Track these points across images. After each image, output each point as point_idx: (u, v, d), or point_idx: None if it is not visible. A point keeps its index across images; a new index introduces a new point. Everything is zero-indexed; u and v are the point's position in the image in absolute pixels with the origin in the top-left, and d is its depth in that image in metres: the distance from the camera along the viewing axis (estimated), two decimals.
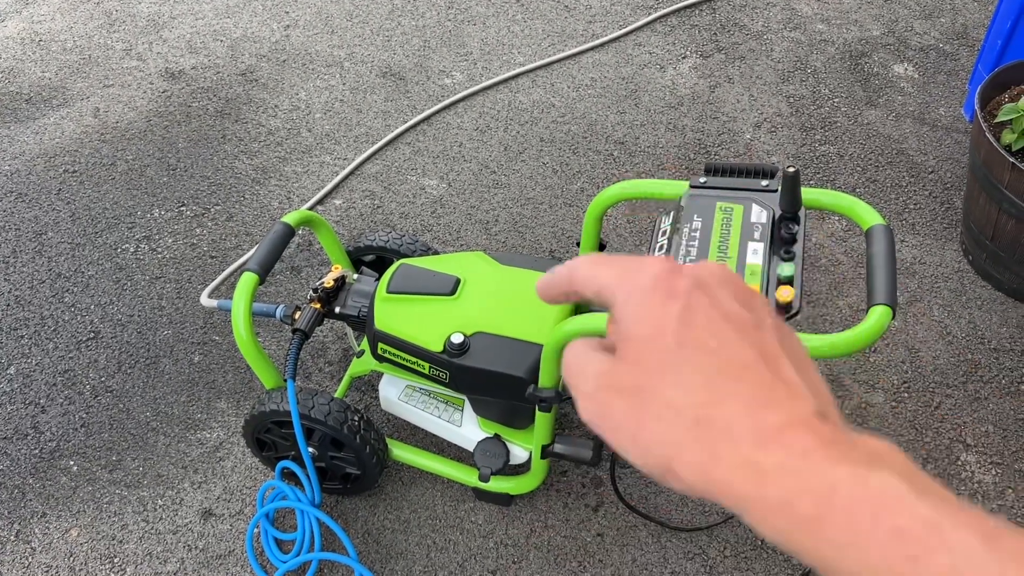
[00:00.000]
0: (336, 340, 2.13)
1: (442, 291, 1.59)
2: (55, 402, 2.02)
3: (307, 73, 3.00)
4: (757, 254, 1.29)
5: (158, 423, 1.98)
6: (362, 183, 2.58)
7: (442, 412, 1.73)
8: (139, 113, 2.84)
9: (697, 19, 3.26)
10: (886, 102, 2.88)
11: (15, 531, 1.80)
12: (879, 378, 2.05)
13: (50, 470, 1.90)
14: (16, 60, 3.07)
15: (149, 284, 2.28)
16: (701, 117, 2.81)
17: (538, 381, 1.44)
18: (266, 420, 1.63)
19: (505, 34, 3.19)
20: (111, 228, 2.44)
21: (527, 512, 1.81)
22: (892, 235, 1.31)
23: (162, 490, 1.86)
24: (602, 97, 2.89)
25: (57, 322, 2.19)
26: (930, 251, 2.36)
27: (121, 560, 1.75)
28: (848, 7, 3.33)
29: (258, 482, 1.86)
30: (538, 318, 1.54)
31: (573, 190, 2.55)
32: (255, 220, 2.46)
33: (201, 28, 3.22)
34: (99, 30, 3.22)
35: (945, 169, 2.61)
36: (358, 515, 1.81)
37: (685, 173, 2.60)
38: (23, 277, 2.30)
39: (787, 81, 2.96)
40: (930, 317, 2.19)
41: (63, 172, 2.62)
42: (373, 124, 2.79)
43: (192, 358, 2.11)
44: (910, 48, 3.12)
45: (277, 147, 2.70)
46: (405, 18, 3.27)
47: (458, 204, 2.50)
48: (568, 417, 1.96)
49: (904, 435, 1.94)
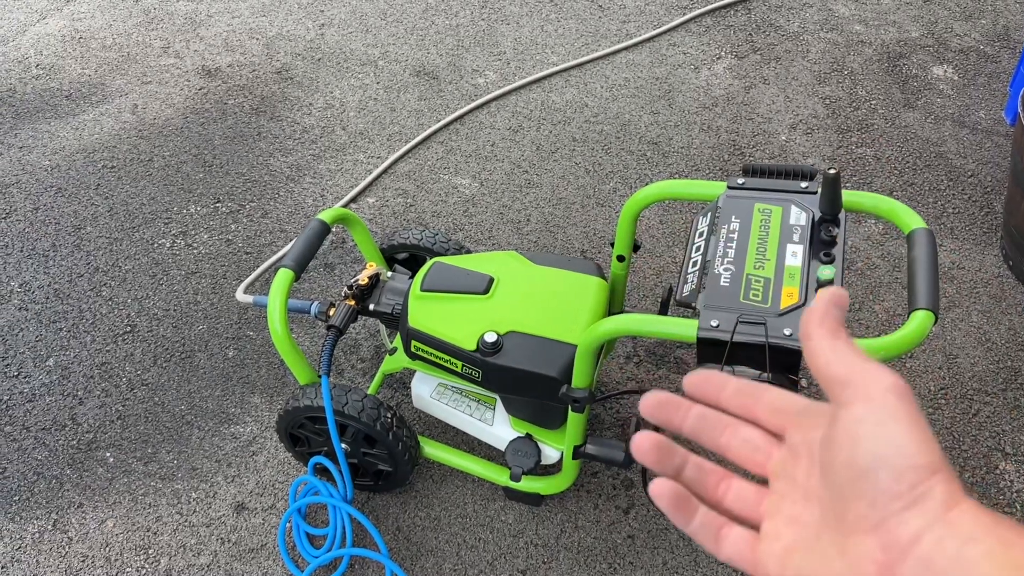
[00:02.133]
0: (368, 337, 2.14)
1: (476, 290, 1.59)
2: (92, 394, 2.05)
3: (341, 72, 3.02)
4: (796, 256, 1.27)
5: (192, 417, 2.00)
6: (395, 181, 2.59)
7: (474, 410, 1.73)
8: (176, 110, 2.87)
9: (732, 19, 3.24)
10: (925, 104, 2.83)
11: (52, 521, 1.83)
12: (915, 384, 2.02)
13: (87, 461, 1.93)
14: (57, 57, 3.12)
15: (185, 279, 2.31)
16: (736, 118, 2.78)
17: (571, 381, 1.43)
18: (300, 415, 1.64)
19: (538, 33, 3.19)
20: (148, 223, 2.47)
21: (557, 512, 1.80)
22: (934, 239, 1.29)
23: (196, 483, 1.88)
24: (636, 97, 2.88)
25: (95, 315, 2.22)
26: (969, 256, 2.32)
27: (156, 552, 1.77)
28: (886, 8, 3.28)
29: (290, 477, 1.88)
30: (571, 318, 1.53)
31: (605, 190, 2.54)
32: (289, 217, 2.48)
33: (237, 26, 3.25)
34: (138, 28, 3.26)
35: (985, 173, 2.57)
36: (389, 512, 1.82)
37: (719, 174, 2.58)
38: (62, 271, 2.34)
39: (823, 82, 2.93)
40: (969, 323, 2.15)
41: (102, 168, 2.66)
42: (406, 123, 2.80)
43: (226, 353, 2.13)
44: (950, 50, 3.07)
45: (311, 145, 2.72)
46: (439, 17, 3.28)
47: (490, 203, 2.51)
48: (599, 418, 1.96)
49: (941, 442, 1.91)
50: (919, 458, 0.37)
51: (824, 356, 0.43)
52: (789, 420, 0.47)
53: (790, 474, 0.45)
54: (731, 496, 0.49)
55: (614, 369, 2.05)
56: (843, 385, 0.41)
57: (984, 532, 0.36)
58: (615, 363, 2.06)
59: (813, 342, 0.44)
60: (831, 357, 0.43)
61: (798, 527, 0.44)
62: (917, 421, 0.39)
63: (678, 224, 2.42)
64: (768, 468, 0.48)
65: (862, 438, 0.39)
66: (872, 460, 0.38)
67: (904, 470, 0.37)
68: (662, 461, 0.49)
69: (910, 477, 0.37)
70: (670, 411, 0.50)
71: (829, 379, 0.42)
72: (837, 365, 0.42)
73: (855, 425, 0.40)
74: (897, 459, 0.38)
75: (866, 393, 0.40)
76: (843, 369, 0.42)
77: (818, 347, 0.44)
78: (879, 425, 0.39)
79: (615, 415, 1.97)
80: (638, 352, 2.09)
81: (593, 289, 1.59)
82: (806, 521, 0.43)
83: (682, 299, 1.28)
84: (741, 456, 0.49)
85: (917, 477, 0.37)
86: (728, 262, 1.28)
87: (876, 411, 0.39)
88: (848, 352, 0.43)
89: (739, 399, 0.50)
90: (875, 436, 0.39)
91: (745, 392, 0.49)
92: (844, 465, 0.40)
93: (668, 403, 0.50)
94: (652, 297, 2.22)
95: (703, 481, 0.50)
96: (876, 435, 0.39)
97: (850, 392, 0.41)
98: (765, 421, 0.49)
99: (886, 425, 0.39)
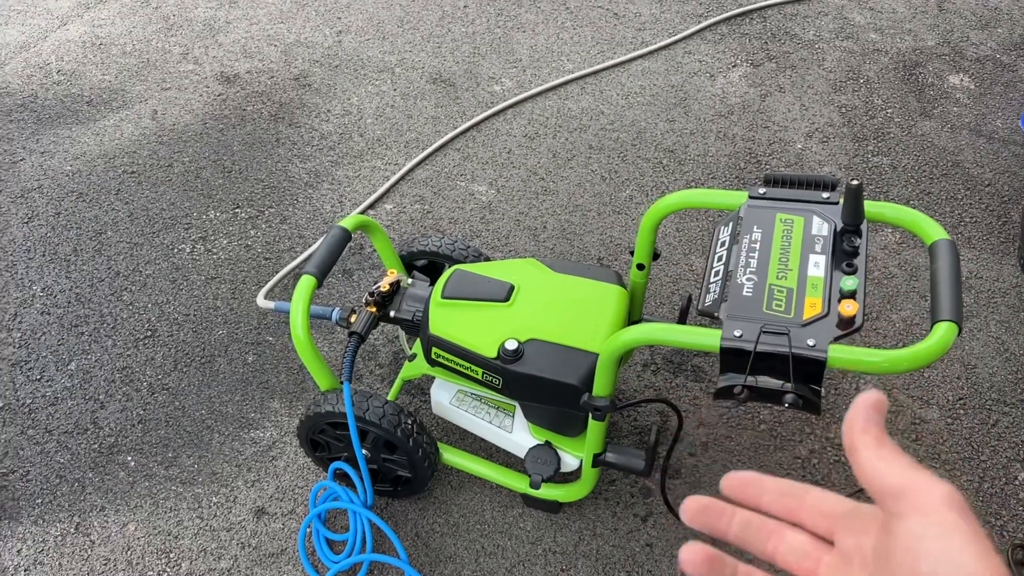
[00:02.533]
0: (387, 343, 2.16)
1: (497, 297, 1.60)
2: (114, 398, 2.07)
3: (359, 78, 3.04)
4: (819, 267, 1.28)
5: (213, 421, 2.02)
6: (412, 188, 2.60)
7: (493, 417, 1.74)
8: (195, 116, 2.90)
9: (747, 28, 3.24)
10: (941, 113, 2.83)
11: (75, 524, 1.85)
12: (933, 394, 2.02)
13: (109, 465, 1.95)
14: (78, 63, 3.15)
15: (205, 284, 2.33)
16: (752, 126, 2.79)
17: (592, 389, 1.44)
18: (321, 421, 1.65)
19: (554, 41, 3.20)
20: (168, 228, 2.49)
21: (575, 520, 1.81)
22: (957, 250, 1.29)
23: (216, 487, 1.89)
24: (651, 105, 2.89)
25: (116, 320, 2.24)
26: (987, 266, 2.32)
27: (177, 555, 1.79)
28: (902, 17, 3.28)
29: (310, 482, 1.89)
30: (592, 326, 1.54)
31: (622, 198, 2.55)
32: (308, 223, 2.49)
33: (256, 33, 3.28)
34: (157, 34, 3.29)
35: (1002, 182, 2.57)
36: (407, 518, 1.83)
37: (735, 182, 2.59)
38: (83, 275, 2.36)
39: (839, 91, 2.93)
40: (987, 333, 2.15)
41: (122, 173, 2.68)
42: (423, 130, 2.81)
43: (246, 358, 2.14)
44: (966, 59, 3.07)
45: (329, 151, 2.74)
46: (455, 25, 3.30)
47: (507, 210, 2.52)
48: (617, 425, 1.96)
49: (960, 452, 1.90)
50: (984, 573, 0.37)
51: (872, 466, 0.43)
52: (836, 523, 0.47)
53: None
54: None
55: (632, 377, 2.06)
56: (895, 496, 0.41)
57: None
58: (632, 371, 2.07)
59: (860, 453, 0.44)
60: (880, 467, 0.43)
61: None
62: (977, 534, 0.39)
63: (694, 232, 2.43)
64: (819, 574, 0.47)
65: (922, 553, 0.39)
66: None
67: None
68: (713, 573, 0.48)
69: None
70: (714, 518, 0.50)
71: (881, 490, 0.42)
72: (888, 476, 0.42)
73: (915, 540, 0.39)
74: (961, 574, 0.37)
75: (921, 506, 0.40)
76: (895, 480, 0.42)
77: (864, 457, 0.43)
78: (939, 540, 0.39)
79: (633, 423, 1.97)
80: (655, 360, 2.09)
81: (613, 297, 1.60)
82: None
83: (704, 309, 1.28)
84: (790, 563, 0.48)
85: None
86: (751, 272, 1.29)
87: (935, 526, 0.39)
88: (896, 461, 0.43)
89: (782, 501, 0.49)
90: (936, 552, 0.38)
91: (787, 493, 0.49)
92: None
93: (711, 509, 0.50)
94: (669, 305, 2.23)
95: None
96: (938, 551, 0.38)
97: (904, 504, 0.41)
98: (811, 524, 0.48)
99: (947, 539, 0.39)
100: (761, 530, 0.49)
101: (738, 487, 0.50)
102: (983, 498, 1.83)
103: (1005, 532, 1.77)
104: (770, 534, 0.49)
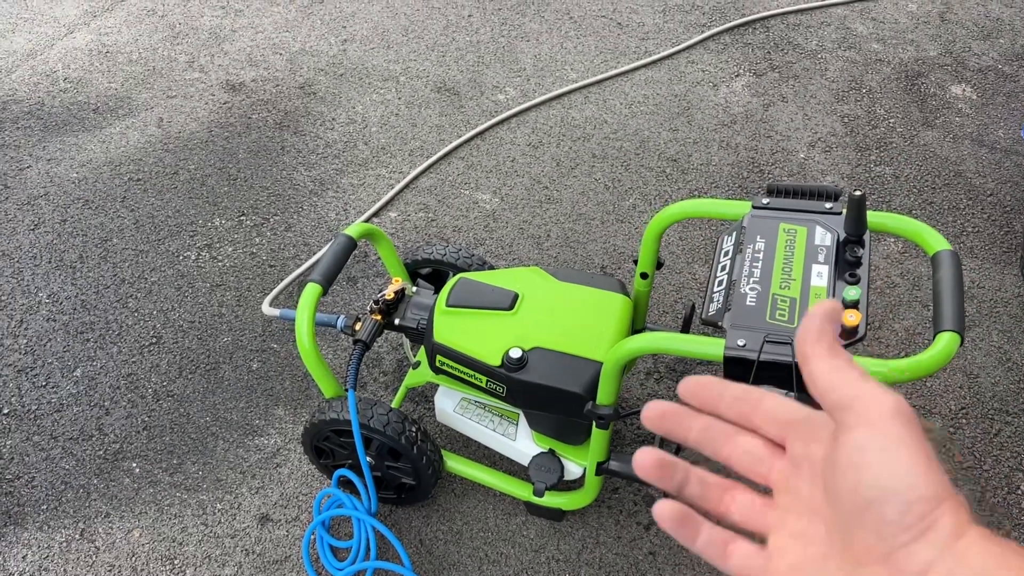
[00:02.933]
0: (391, 351, 2.17)
1: (501, 306, 1.61)
2: (119, 405, 2.08)
3: (364, 87, 3.05)
4: (822, 277, 1.29)
5: (217, 428, 2.03)
6: (417, 196, 2.62)
7: (497, 425, 1.75)
8: (201, 124, 2.91)
9: (750, 38, 3.26)
10: (943, 123, 2.84)
11: (80, 530, 1.85)
12: (936, 403, 2.02)
13: (113, 471, 1.95)
14: (84, 71, 3.17)
15: (210, 291, 2.34)
16: (754, 136, 2.80)
17: (596, 398, 1.45)
18: (326, 428, 1.66)
19: (558, 51, 3.22)
20: (173, 236, 2.50)
21: (578, 528, 1.81)
22: (959, 260, 1.30)
23: (221, 494, 1.90)
24: (654, 114, 2.90)
25: (121, 326, 2.26)
26: (989, 276, 2.32)
27: (181, 562, 1.79)
28: (904, 27, 3.30)
29: (314, 489, 1.90)
30: (596, 335, 1.55)
31: (625, 207, 2.56)
32: (313, 231, 2.51)
33: (261, 42, 3.30)
34: (163, 42, 3.31)
35: (1004, 192, 2.58)
36: (411, 525, 1.83)
37: (738, 191, 2.60)
38: (89, 282, 2.37)
39: (842, 101, 2.94)
40: (989, 343, 2.15)
41: (128, 180, 2.70)
42: (428, 138, 2.83)
43: (251, 365, 2.15)
44: (968, 69, 3.08)
45: (334, 159, 2.75)
46: (460, 34, 3.32)
47: (510, 218, 2.53)
48: (620, 434, 1.97)
49: (962, 462, 1.91)
50: (925, 488, 0.37)
51: (824, 378, 0.42)
52: (788, 430, 0.47)
53: (794, 487, 0.45)
54: (736, 509, 0.48)
55: (635, 385, 2.06)
56: (844, 408, 0.41)
57: (995, 563, 0.36)
58: (635, 379, 2.08)
59: (811, 363, 0.43)
60: (830, 378, 0.42)
61: (804, 542, 0.43)
62: (921, 448, 0.38)
63: (697, 241, 2.44)
64: (771, 479, 0.47)
65: (865, 466, 0.39)
66: (877, 492, 0.38)
67: (911, 502, 0.37)
68: (664, 477, 0.49)
69: (917, 508, 0.37)
70: (674, 422, 0.50)
71: (830, 402, 0.42)
72: (838, 387, 0.41)
73: (858, 452, 0.39)
74: (903, 490, 0.37)
75: (868, 417, 0.40)
76: (844, 391, 0.41)
77: (816, 368, 0.43)
78: (882, 452, 0.38)
79: (636, 431, 1.98)
80: (658, 368, 2.10)
81: (617, 306, 1.61)
82: (812, 536, 0.43)
83: (708, 318, 1.29)
84: (744, 467, 0.48)
85: (924, 508, 0.37)
86: (754, 282, 1.30)
87: (879, 438, 0.39)
88: (848, 372, 0.42)
89: (737, 407, 0.49)
90: (879, 465, 0.38)
91: (743, 399, 0.49)
92: (849, 492, 0.39)
93: (672, 414, 0.50)
94: (672, 313, 2.24)
95: (707, 495, 0.49)
96: (880, 464, 0.38)
97: (851, 416, 0.40)
98: (765, 430, 0.48)
99: (889, 453, 0.38)
100: (719, 435, 0.49)
101: (695, 391, 0.50)
102: (986, 508, 1.83)
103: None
104: (727, 439, 0.49)
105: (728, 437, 0.49)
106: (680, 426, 0.50)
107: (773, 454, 0.47)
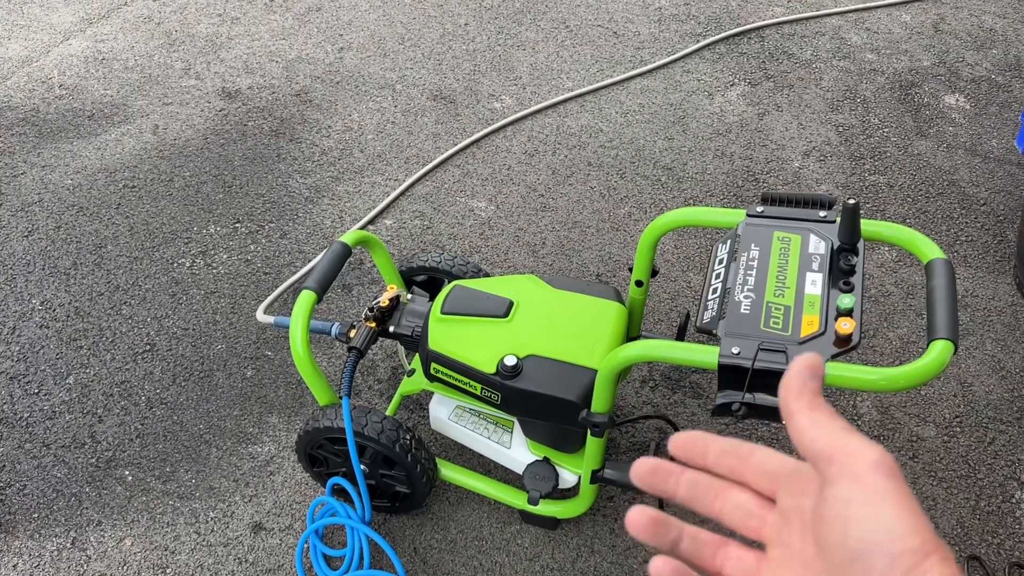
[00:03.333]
0: (386, 358, 2.16)
1: (496, 313, 1.61)
2: (112, 412, 2.07)
3: (360, 95, 3.06)
4: (816, 285, 1.29)
5: (211, 436, 2.02)
6: (412, 204, 2.62)
7: (492, 433, 1.74)
8: (196, 131, 2.91)
9: (745, 47, 3.27)
10: (937, 133, 2.86)
11: (71, 538, 1.84)
12: (930, 412, 2.03)
13: (106, 479, 1.94)
14: (80, 78, 3.17)
15: (204, 299, 2.33)
16: (749, 144, 2.81)
17: (591, 406, 1.45)
18: (320, 436, 1.66)
19: (554, 59, 3.23)
20: (168, 243, 2.50)
21: (573, 537, 1.81)
22: (952, 269, 1.30)
23: (214, 502, 1.89)
24: (650, 123, 2.91)
25: (115, 334, 2.25)
26: (983, 284, 2.33)
27: (173, 571, 1.78)
28: (898, 37, 3.31)
29: (308, 497, 1.89)
30: (591, 343, 1.55)
31: (620, 215, 2.56)
32: (308, 238, 2.50)
33: (257, 49, 3.30)
34: (159, 50, 3.31)
35: (998, 201, 2.59)
36: (405, 533, 1.82)
37: (733, 200, 2.60)
38: (83, 289, 2.37)
39: (836, 110, 2.96)
40: (983, 351, 2.16)
41: (123, 187, 2.69)
42: (423, 146, 2.83)
43: (245, 372, 2.15)
44: (961, 79, 3.10)
45: (330, 167, 2.75)
46: (456, 42, 3.33)
47: (506, 226, 2.53)
48: (615, 442, 1.97)
49: (956, 471, 1.91)
50: (911, 541, 0.37)
51: (805, 430, 0.42)
52: (778, 483, 0.47)
53: (785, 540, 0.45)
54: (729, 565, 0.48)
55: (630, 393, 2.06)
56: (827, 461, 0.41)
57: None
58: (631, 387, 2.08)
59: (794, 418, 0.43)
60: (812, 432, 0.42)
61: None
62: (906, 499, 0.38)
63: (692, 249, 2.44)
64: (763, 534, 0.47)
65: (851, 520, 0.39)
66: (864, 545, 0.38)
67: (897, 555, 0.37)
68: (658, 536, 0.48)
69: (904, 562, 0.37)
70: (662, 479, 0.50)
71: (813, 455, 0.42)
72: (819, 440, 0.41)
73: (843, 505, 0.39)
74: (889, 543, 0.37)
75: (851, 471, 0.40)
76: (826, 444, 0.41)
77: (799, 423, 0.43)
78: (868, 506, 0.38)
79: (631, 439, 1.97)
80: (653, 376, 2.10)
81: (612, 314, 1.61)
82: None
83: (703, 326, 1.29)
84: (735, 522, 0.48)
85: (911, 561, 0.37)
86: (748, 290, 1.30)
87: (863, 491, 0.39)
88: (829, 425, 0.42)
89: (726, 461, 0.49)
90: (865, 519, 0.38)
91: (731, 453, 0.49)
92: (836, 545, 0.39)
93: (659, 470, 0.50)
94: (668, 321, 2.24)
95: (700, 552, 0.49)
96: (866, 517, 0.38)
97: (835, 469, 0.40)
98: (754, 483, 0.48)
99: (874, 505, 0.38)
100: (708, 490, 0.49)
101: (684, 446, 0.50)
102: (980, 516, 1.83)
103: (1002, 551, 1.77)
104: (717, 494, 0.49)
105: (718, 492, 0.49)
106: (669, 481, 0.50)
107: (764, 508, 0.48)
